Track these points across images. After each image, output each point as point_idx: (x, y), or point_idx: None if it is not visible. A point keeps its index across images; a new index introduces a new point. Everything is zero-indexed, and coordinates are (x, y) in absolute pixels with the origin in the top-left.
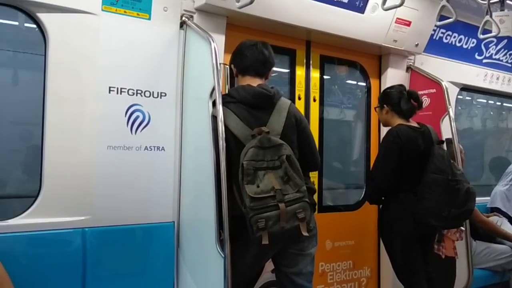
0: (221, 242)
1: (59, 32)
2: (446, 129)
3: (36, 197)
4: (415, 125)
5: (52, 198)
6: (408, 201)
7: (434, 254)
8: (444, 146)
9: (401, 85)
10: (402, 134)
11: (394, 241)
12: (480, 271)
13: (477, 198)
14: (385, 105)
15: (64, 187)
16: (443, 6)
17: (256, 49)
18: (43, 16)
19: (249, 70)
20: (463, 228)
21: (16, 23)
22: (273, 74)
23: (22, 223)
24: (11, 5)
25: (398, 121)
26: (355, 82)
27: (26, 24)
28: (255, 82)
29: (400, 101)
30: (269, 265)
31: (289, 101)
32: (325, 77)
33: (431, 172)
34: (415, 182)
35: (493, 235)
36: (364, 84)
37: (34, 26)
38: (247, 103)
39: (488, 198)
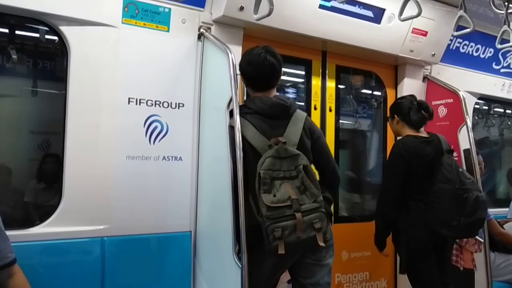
0: (238, 252)
1: (81, 44)
2: (464, 139)
3: (56, 206)
4: (424, 135)
5: (72, 207)
6: (419, 211)
7: (452, 266)
8: (462, 155)
9: (412, 95)
10: (408, 145)
11: (406, 250)
12: (499, 283)
13: (496, 209)
14: (395, 115)
15: (84, 196)
16: (460, 16)
17: (266, 62)
18: (65, 29)
19: (261, 86)
20: (481, 240)
21: None
22: (288, 84)
23: (42, 232)
24: (34, 18)
25: (407, 131)
26: (370, 92)
27: None
28: (270, 94)
29: (409, 111)
30: (285, 276)
31: (305, 114)
32: (340, 87)
33: (439, 182)
34: (425, 191)
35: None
36: (380, 94)
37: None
38: (264, 113)
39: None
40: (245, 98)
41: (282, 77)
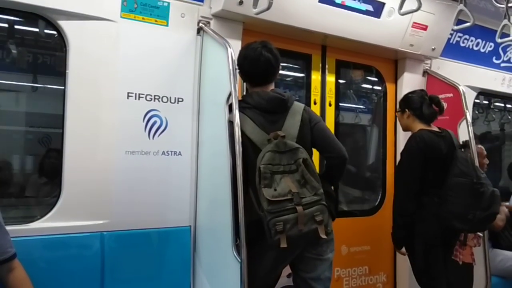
0: (237, 246)
1: (79, 39)
2: (463, 134)
3: (56, 201)
4: (436, 129)
5: (72, 202)
6: (432, 204)
7: (452, 260)
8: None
9: (422, 90)
10: (425, 139)
11: (416, 244)
12: (497, 278)
13: None
14: (406, 110)
15: (83, 191)
16: (461, 10)
17: (262, 57)
18: (63, 24)
19: (258, 81)
20: (480, 234)
21: None
22: (288, 79)
23: (42, 227)
24: (33, 12)
25: (419, 126)
26: (370, 87)
27: None
28: (267, 89)
29: (421, 105)
30: (286, 270)
31: (303, 105)
32: (340, 81)
33: (455, 175)
34: (438, 185)
35: None
36: (380, 88)
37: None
38: (261, 108)
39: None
40: (244, 93)
41: (281, 72)
